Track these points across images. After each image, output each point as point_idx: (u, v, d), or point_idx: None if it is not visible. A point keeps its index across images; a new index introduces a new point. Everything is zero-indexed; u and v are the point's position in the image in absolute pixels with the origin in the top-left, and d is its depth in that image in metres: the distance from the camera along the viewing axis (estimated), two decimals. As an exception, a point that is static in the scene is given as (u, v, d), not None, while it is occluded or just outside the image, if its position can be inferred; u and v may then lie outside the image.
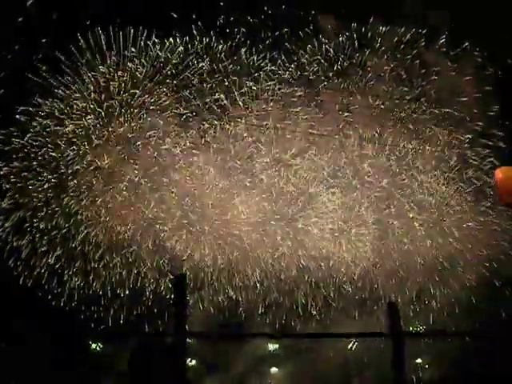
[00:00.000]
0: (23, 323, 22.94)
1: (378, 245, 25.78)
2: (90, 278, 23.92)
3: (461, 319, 25.17)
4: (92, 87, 24.28)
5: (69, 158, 24.27)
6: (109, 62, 24.20)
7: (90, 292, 23.87)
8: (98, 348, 26.55)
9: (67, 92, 24.06)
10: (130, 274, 24.28)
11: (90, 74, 24.06)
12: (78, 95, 24.23)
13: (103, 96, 24.33)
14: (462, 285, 25.42)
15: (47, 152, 24.10)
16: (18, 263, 23.48)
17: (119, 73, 24.41)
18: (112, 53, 24.02)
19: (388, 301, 20.43)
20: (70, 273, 23.80)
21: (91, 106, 24.35)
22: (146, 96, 24.78)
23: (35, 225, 23.80)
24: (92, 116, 24.32)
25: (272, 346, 28.33)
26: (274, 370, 28.10)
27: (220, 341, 24.45)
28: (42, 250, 23.83)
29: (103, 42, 23.77)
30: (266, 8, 25.17)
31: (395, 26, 25.62)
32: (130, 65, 24.41)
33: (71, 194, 24.17)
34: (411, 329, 25.77)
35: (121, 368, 24.64)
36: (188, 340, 16.72)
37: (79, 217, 24.04)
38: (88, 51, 23.66)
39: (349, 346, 26.96)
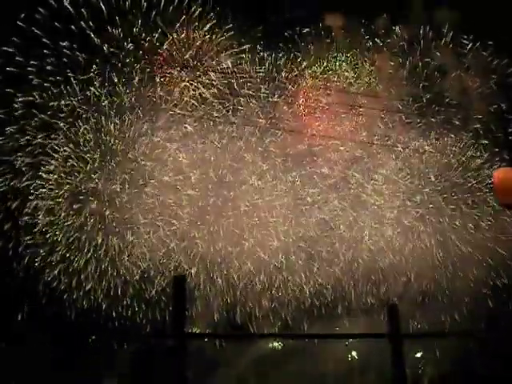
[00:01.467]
0: (23, 323, 22.91)
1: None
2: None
3: (463, 320, 25.19)
4: None
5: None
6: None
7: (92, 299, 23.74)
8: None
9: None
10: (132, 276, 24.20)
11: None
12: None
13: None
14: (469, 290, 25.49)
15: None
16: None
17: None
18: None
19: (389, 303, 20.44)
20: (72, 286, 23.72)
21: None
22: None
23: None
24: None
25: (272, 345, 28.38)
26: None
27: (221, 341, 24.47)
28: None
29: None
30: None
31: (404, 24, 25.67)
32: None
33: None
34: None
35: (122, 369, 24.65)
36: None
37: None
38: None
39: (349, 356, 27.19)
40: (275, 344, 28.52)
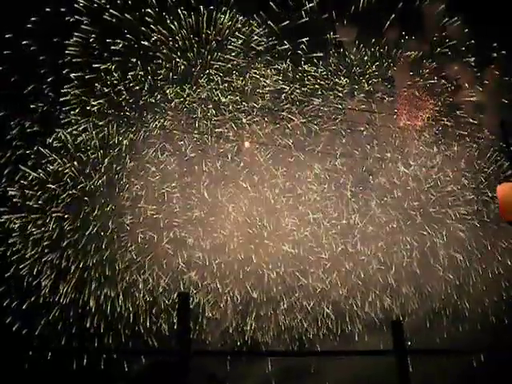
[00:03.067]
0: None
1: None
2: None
3: (470, 337, 25.01)
4: None
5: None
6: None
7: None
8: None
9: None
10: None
11: None
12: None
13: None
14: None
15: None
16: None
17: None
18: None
19: (392, 319, 20.36)
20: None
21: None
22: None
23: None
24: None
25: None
26: None
27: (227, 358, 24.36)
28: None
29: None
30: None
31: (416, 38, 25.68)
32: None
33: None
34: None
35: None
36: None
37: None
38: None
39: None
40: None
